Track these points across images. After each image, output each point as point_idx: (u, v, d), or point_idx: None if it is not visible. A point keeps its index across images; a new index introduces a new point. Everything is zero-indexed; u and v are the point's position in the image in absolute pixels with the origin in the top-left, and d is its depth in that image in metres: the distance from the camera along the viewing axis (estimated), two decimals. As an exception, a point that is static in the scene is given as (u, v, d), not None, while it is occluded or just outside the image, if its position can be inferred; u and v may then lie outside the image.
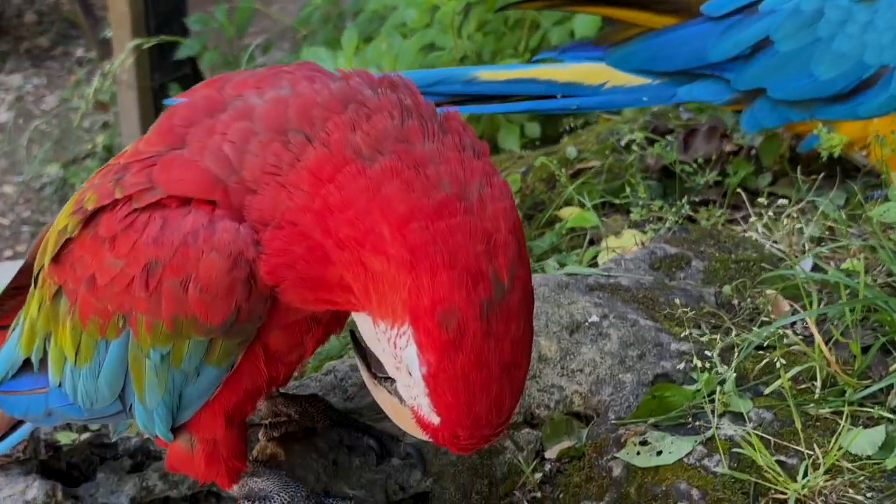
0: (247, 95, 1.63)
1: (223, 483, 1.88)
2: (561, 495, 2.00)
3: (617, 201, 2.96)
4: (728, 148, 3.20)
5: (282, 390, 2.09)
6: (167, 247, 1.60)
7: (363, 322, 1.60)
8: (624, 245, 2.72)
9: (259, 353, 1.71)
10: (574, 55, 2.99)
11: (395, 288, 1.47)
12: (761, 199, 2.60)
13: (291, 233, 1.55)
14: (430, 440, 1.58)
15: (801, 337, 2.09)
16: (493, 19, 4.21)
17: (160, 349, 1.66)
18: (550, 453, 2.06)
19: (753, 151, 3.15)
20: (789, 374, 1.97)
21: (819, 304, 2.16)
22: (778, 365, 1.92)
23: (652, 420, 1.98)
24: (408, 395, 1.56)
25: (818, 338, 1.98)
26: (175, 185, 1.61)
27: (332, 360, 2.45)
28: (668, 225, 2.69)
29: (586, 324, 2.17)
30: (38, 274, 1.87)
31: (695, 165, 3.02)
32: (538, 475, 2.03)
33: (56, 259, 1.77)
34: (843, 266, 2.30)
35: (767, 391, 1.98)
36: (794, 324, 2.19)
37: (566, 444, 2.06)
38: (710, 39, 2.75)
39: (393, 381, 1.61)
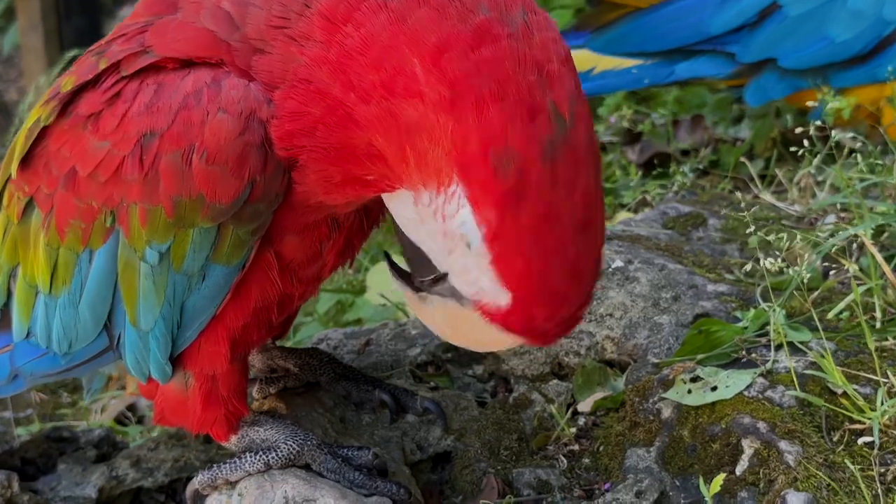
0: None
1: (220, 434, 1.59)
2: (601, 447, 1.76)
3: (608, 185, 2.78)
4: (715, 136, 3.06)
5: (278, 343, 1.83)
6: (164, 113, 1.34)
7: (401, 208, 1.33)
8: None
9: (272, 261, 1.44)
10: None
11: (436, 139, 1.21)
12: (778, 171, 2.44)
13: (307, 91, 1.30)
14: (505, 336, 1.28)
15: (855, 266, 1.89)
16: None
17: (158, 245, 1.39)
18: (584, 406, 1.82)
19: (738, 143, 3.01)
20: (846, 302, 1.77)
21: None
22: (850, 272, 1.72)
23: (700, 356, 1.76)
24: (466, 284, 1.27)
25: (877, 255, 1.79)
26: (171, 45, 1.37)
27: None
28: (675, 188, 2.50)
29: (610, 269, 1.96)
30: (2, 192, 1.60)
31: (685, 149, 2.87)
32: (573, 429, 1.79)
33: (26, 162, 1.50)
34: (879, 208, 2.13)
35: (831, 314, 1.77)
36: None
37: (600, 394, 1.82)
38: (708, 11, 2.58)
39: (443, 279, 1.33)
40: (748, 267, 1.92)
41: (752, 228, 1.94)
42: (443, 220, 1.26)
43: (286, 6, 1.32)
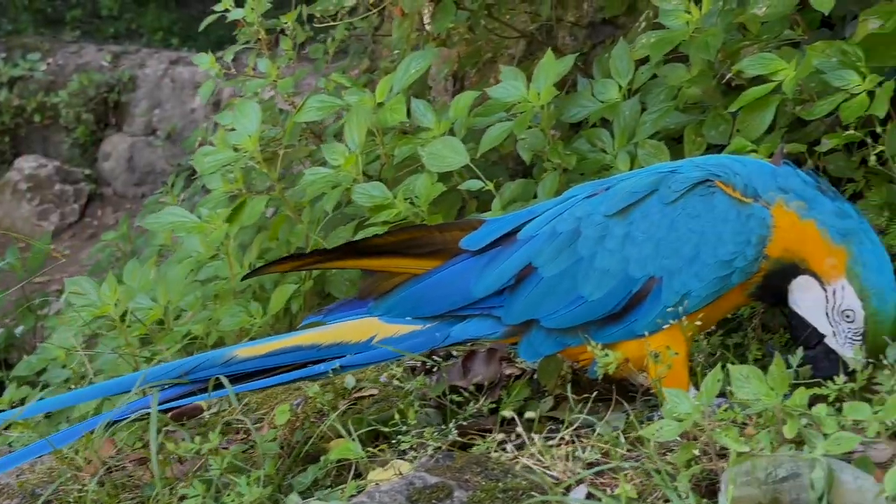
0: None
1: None
2: None
3: (385, 429, 2.70)
4: (510, 371, 3.02)
5: None
6: None
7: None
8: (390, 477, 2.45)
9: None
10: (340, 315, 2.77)
11: None
12: (538, 424, 2.39)
13: None
14: None
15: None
16: (275, 247, 4.05)
17: None
18: None
19: (536, 375, 2.97)
20: None
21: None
22: None
23: None
24: None
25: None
26: None
27: None
28: (429, 452, 2.43)
29: (323, 566, 1.87)
30: None
31: (472, 390, 2.80)
32: None
33: None
34: (617, 492, 2.09)
35: None
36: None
37: None
38: (473, 275, 2.59)
39: None
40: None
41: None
42: None
43: None
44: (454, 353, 3.15)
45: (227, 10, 4.29)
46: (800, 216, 2.41)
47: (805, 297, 2.44)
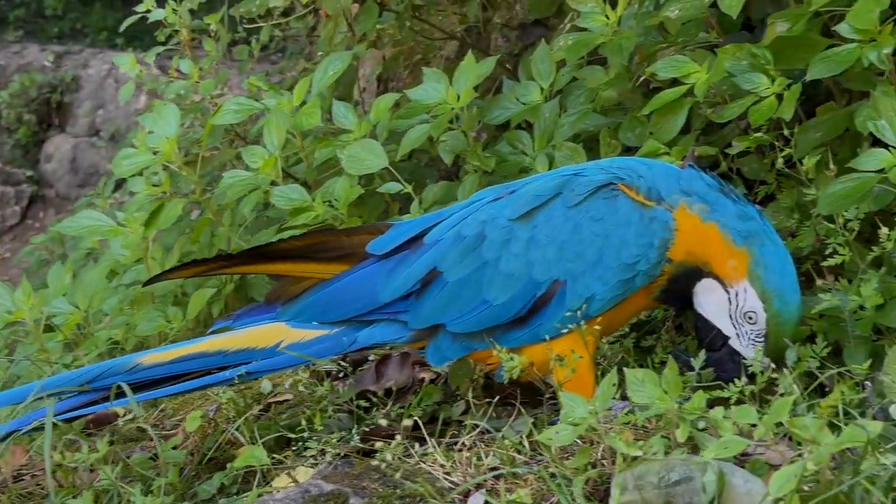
0: None
1: None
2: None
3: (292, 435, 2.67)
4: (423, 375, 3.00)
5: None
6: None
7: None
8: (288, 485, 2.42)
9: None
10: (248, 320, 2.73)
11: None
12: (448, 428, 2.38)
13: None
14: None
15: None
16: (197, 251, 4.00)
17: None
18: None
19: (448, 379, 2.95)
20: None
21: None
22: None
23: None
24: None
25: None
26: None
27: None
28: (328, 459, 2.40)
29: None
30: None
31: (381, 395, 2.78)
32: None
33: None
34: (512, 497, 2.07)
35: None
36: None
37: None
38: (379, 280, 2.57)
39: None
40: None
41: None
42: None
43: None
44: (371, 357, 3.12)
45: (148, 11, 4.23)
46: (702, 219, 2.41)
47: (709, 300, 2.44)
